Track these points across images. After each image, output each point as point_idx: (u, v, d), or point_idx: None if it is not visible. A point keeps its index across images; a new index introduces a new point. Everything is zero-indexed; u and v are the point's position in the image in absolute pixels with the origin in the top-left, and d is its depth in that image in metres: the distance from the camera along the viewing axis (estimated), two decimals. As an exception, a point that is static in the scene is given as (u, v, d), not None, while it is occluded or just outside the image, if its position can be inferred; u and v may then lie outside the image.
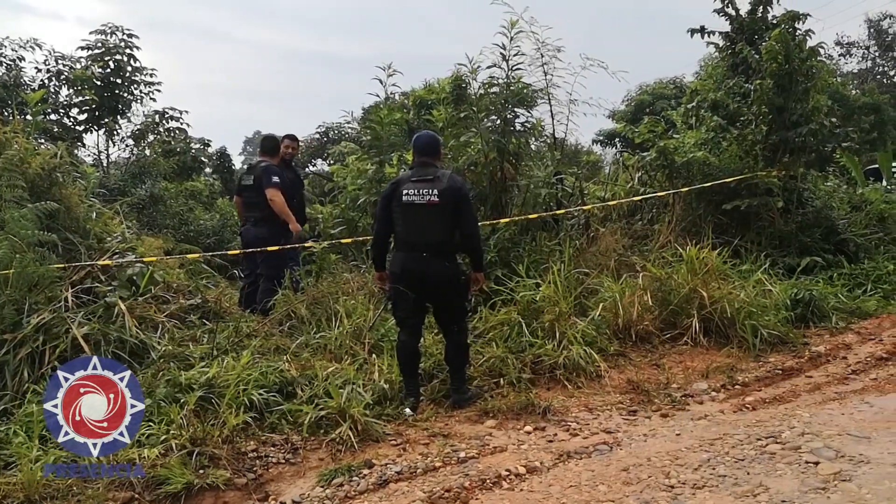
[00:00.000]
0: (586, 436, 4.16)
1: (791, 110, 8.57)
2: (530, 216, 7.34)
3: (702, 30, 10.11)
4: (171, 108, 13.30)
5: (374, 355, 5.11)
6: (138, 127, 12.83)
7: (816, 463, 3.49)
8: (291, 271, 6.47)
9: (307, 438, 4.04)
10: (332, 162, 16.55)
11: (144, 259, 5.66)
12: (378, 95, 8.44)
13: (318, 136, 22.13)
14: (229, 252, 7.56)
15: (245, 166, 8.64)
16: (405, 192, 4.66)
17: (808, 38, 8.90)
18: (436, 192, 4.61)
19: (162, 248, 7.23)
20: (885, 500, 3.04)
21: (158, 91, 12.78)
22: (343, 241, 7.37)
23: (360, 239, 7.43)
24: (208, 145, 16.06)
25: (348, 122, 18.36)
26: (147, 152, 12.76)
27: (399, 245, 4.78)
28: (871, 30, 33.97)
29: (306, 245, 6.65)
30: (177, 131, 13.46)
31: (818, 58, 8.99)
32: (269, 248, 6.33)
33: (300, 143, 9.23)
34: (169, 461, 3.54)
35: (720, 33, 10.13)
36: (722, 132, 9.06)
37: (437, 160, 4.94)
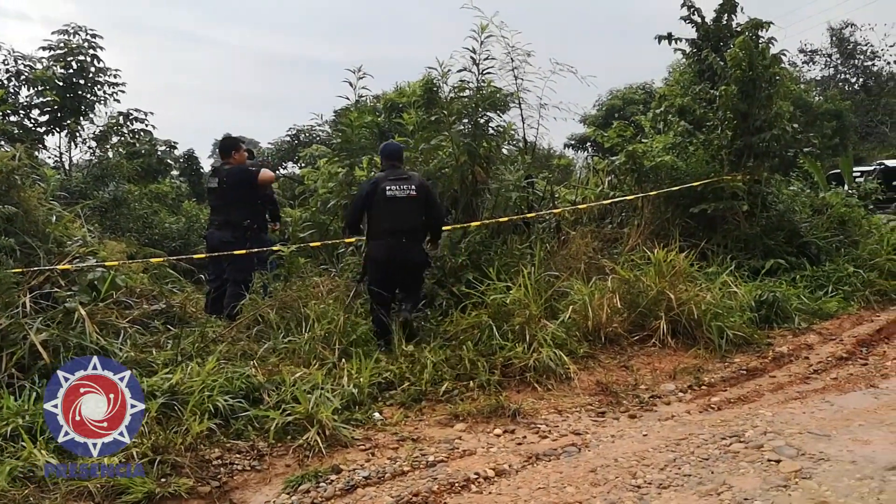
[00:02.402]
0: (555, 438, 4.17)
1: (755, 116, 8.71)
2: (501, 220, 7.35)
3: (669, 37, 10.22)
4: (136, 110, 13.04)
5: (343, 360, 5.08)
6: (101, 128, 12.57)
7: (778, 461, 3.54)
8: (261, 275, 6.39)
9: (274, 445, 3.99)
10: (302, 165, 16.44)
11: (106, 263, 5.54)
12: (348, 98, 8.40)
13: (288, 138, 21.99)
14: (194, 256, 7.45)
15: (211, 168, 8.56)
16: (388, 188, 5.61)
17: (770, 45, 9.05)
18: (413, 187, 5.68)
19: (125, 252, 7.11)
20: (844, 496, 3.10)
21: (123, 92, 12.52)
22: (312, 244, 7.31)
23: (330, 242, 7.38)
24: (174, 147, 15.85)
25: (319, 125, 18.28)
26: (110, 154, 12.51)
27: (381, 234, 5.64)
28: (834, 38, 34.75)
29: (275, 249, 6.58)
30: (141, 133, 13.21)
31: (781, 65, 9.15)
32: (235, 252, 6.24)
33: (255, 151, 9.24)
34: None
35: (687, 40, 10.24)
36: (689, 137, 9.18)
37: (402, 164, 6.07)
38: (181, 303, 6.27)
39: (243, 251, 6.25)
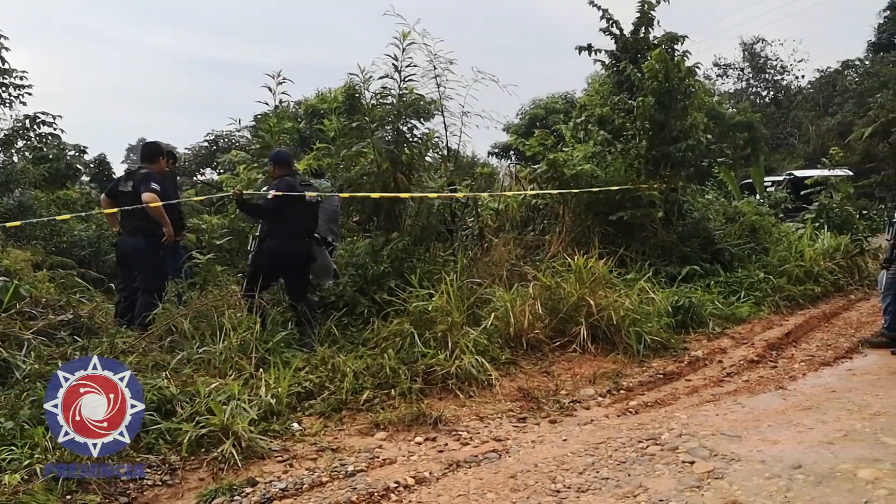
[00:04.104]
0: (476, 444, 4.17)
1: (671, 126, 9.00)
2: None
3: (589, 48, 10.45)
4: (44, 113, 12.51)
5: (260, 369, 4.93)
6: (6, 132, 11.96)
7: (692, 462, 3.64)
8: (174, 283, 6.15)
9: (187, 458, 3.83)
10: (221, 171, 16.01)
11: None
12: (267, 104, 8.23)
13: (206, 143, 21.40)
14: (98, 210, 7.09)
15: (125, 172, 8.21)
16: (307, 194, 6.02)
17: (686, 58, 9.37)
18: (317, 194, 6.21)
19: (30, 261, 6.73)
20: (754, 495, 3.20)
21: (30, 94, 11.97)
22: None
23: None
24: (84, 152, 15.28)
25: (238, 131, 17.86)
26: (16, 159, 11.90)
27: (286, 233, 5.87)
28: (746, 52, 36.51)
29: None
30: (49, 137, 12.64)
31: (695, 77, 9.50)
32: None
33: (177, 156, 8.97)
34: (33, 487, 3.29)
35: (606, 52, 10.49)
36: (608, 146, 9.40)
37: None
38: (89, 312, 5.96)
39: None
